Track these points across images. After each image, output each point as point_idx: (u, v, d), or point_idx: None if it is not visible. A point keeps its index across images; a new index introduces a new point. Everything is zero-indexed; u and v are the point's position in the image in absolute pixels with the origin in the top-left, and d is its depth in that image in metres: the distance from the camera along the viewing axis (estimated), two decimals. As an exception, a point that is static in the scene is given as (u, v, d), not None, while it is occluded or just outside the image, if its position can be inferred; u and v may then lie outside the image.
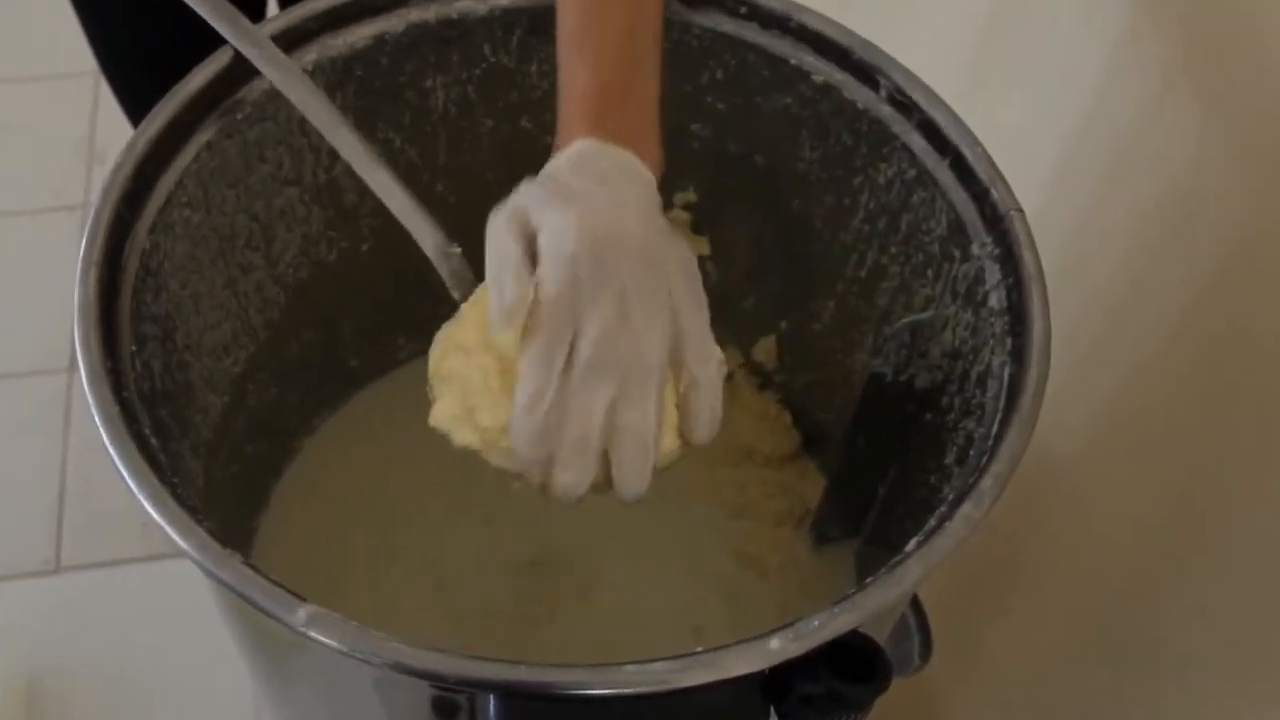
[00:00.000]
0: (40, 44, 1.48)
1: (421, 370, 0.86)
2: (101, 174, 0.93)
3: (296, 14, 0.64)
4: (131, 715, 1.10)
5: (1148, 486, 0.70)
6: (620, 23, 0.56)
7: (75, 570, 1.17)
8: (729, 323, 0.86)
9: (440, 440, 0.83)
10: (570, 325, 0.48)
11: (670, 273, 0.50)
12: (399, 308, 0.82)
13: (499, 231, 0.50)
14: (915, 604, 0.63)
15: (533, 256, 0.49)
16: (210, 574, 0.48)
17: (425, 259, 0.79)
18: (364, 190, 0.71)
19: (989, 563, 0.87)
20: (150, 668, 1.11)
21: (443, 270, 0.57)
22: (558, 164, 0.53)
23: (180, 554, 0.48)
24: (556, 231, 0.49)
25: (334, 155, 0.69)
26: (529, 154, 0.74)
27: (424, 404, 0.85)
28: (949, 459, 0.62)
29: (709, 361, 0.50)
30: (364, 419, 0.84)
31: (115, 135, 0.77)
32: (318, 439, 0.83)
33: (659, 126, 0.57)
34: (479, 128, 0.74)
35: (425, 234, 0.57)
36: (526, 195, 0.51)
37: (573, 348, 0.48)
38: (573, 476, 0.48)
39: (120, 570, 1.17)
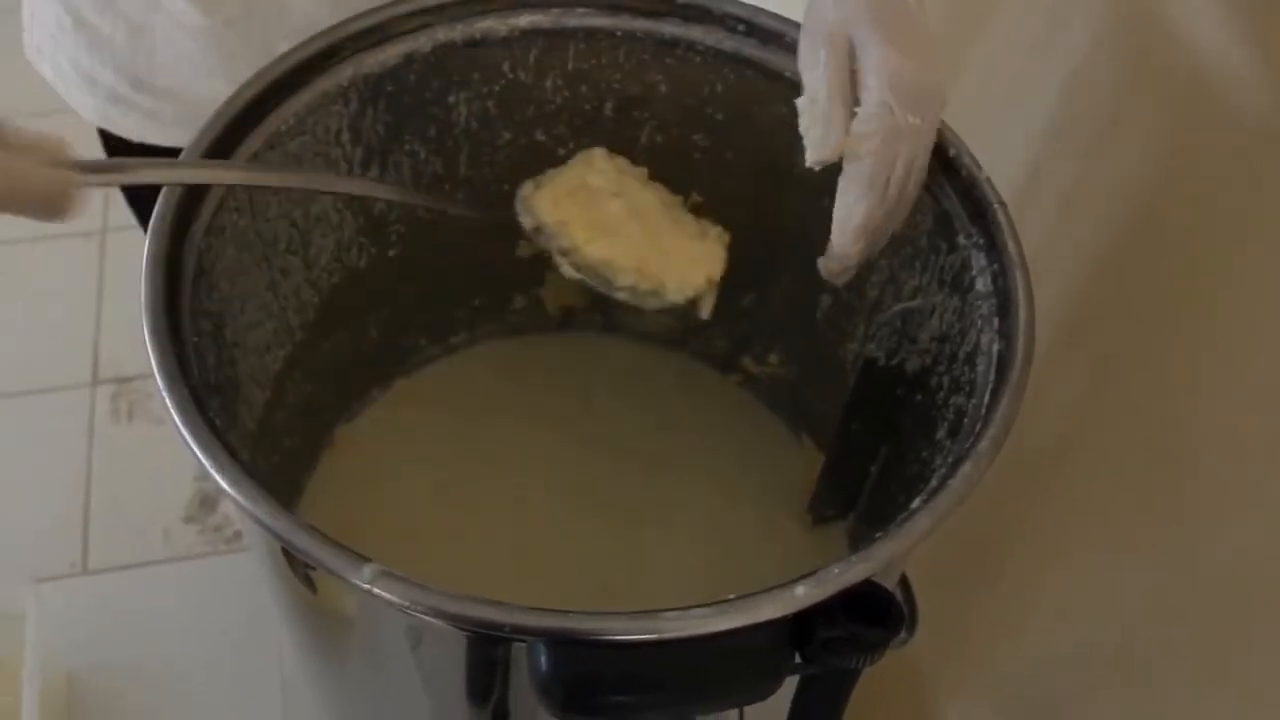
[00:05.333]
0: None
1: (442, 370, 0.91)
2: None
3: (334, 35, 0.67)
4: (162, 706, 1.13)
5: (1127, 466, 0.72)
6: None
7: (102, 573, 1.21)
8: (728, 318, 0.90)
9: (460, 434, 0.88)
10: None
11: None
12: (421, 312, 0.86)
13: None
14: (902, 579, 0.66)
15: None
16: (285, 541, 0.51)
17: (445, 267, 0.83)
18: (391, 200, 0.76)
19: (974, 548, 0.89)
20: (176, 660, 1.15)
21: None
22: None
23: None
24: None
25: (365, 166, 0.74)
26: (543, 165, 0.79)
27: (445, 401, 0.89)
28: (940, 434, 0.65)
29: None
30: (389, 416, 0.87)
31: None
32: (348, 432, 0.86)
33: None
34: (497, 140, 0.77)
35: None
36: None
37: None
38: None
39: (143, 571, 1.20)
